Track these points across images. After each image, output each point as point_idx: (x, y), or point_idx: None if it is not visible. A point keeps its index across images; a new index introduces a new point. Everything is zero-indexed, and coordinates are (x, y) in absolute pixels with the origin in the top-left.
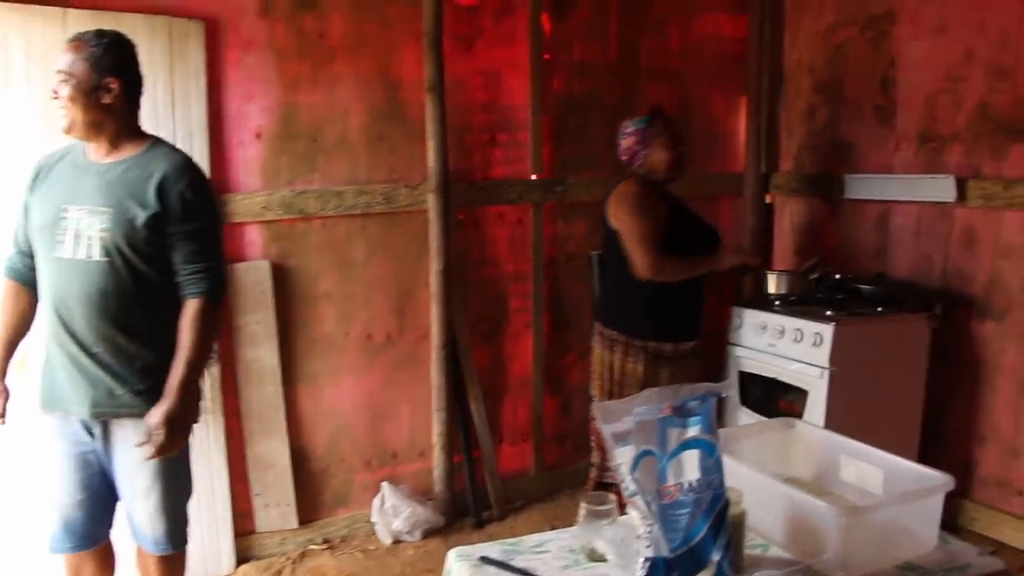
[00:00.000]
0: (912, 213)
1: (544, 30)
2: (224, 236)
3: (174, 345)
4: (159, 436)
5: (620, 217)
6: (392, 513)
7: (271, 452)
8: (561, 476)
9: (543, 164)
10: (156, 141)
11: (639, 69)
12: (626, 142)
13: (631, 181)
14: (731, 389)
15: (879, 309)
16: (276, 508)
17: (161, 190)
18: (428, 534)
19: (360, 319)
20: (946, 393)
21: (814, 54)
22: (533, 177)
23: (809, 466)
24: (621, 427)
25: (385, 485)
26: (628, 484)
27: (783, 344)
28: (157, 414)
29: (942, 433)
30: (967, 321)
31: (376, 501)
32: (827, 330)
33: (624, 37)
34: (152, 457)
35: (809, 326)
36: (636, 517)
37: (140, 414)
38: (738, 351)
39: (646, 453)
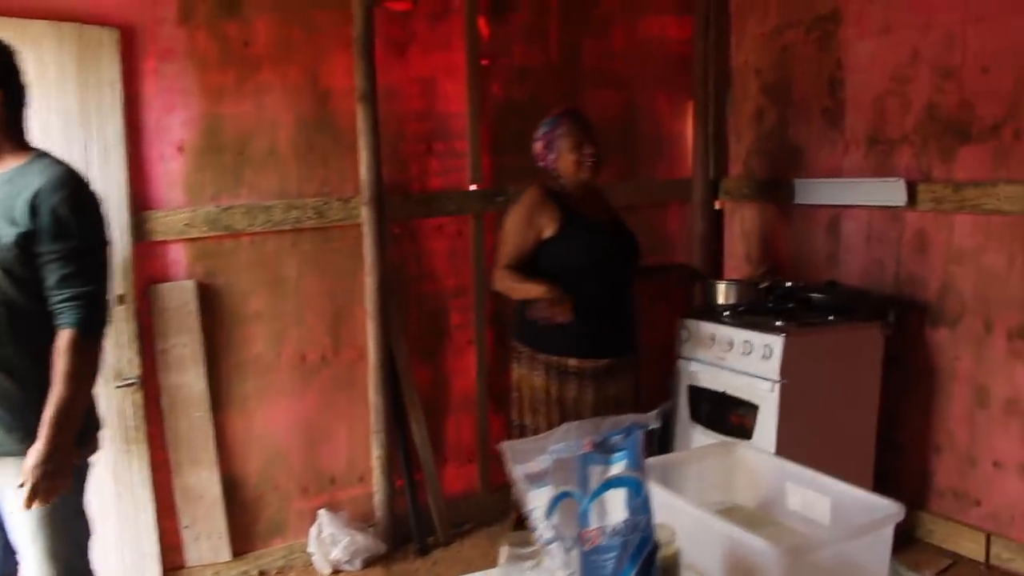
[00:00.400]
0: (863, 218)
1: (481, 34)
2: (107, 259)
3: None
4: (33, 479)
5: (504, 223)
6: (330, 542)
7: (200, 482)
8: (509, 496)
9: (483, 174)
10: (40, 154)
11: (582, 72)
12: (535, 146)
13: (532, 189)
14: (676, 407)
15: (831, 318)
16: (207, 540)
17: (33, 206)
18: (369, 563)
19: (293, 339)
20: (901, 402)
21: (760, 56)
22: (473, 187)
23: (754, 493)
24: (535, 467)
25: (322, 512)
26: (544, 531)
27: (732, 357)
28: (30, 456)
29: (898, 442)
30: (921, 328)
31: (313, 530)
32: (776, 342)
33: (565, 40)
34: (27, 503)
35: (758, 338)
36: (554, 567)
37: (20, 453)
38: (687, 364)
39: (565, 495)
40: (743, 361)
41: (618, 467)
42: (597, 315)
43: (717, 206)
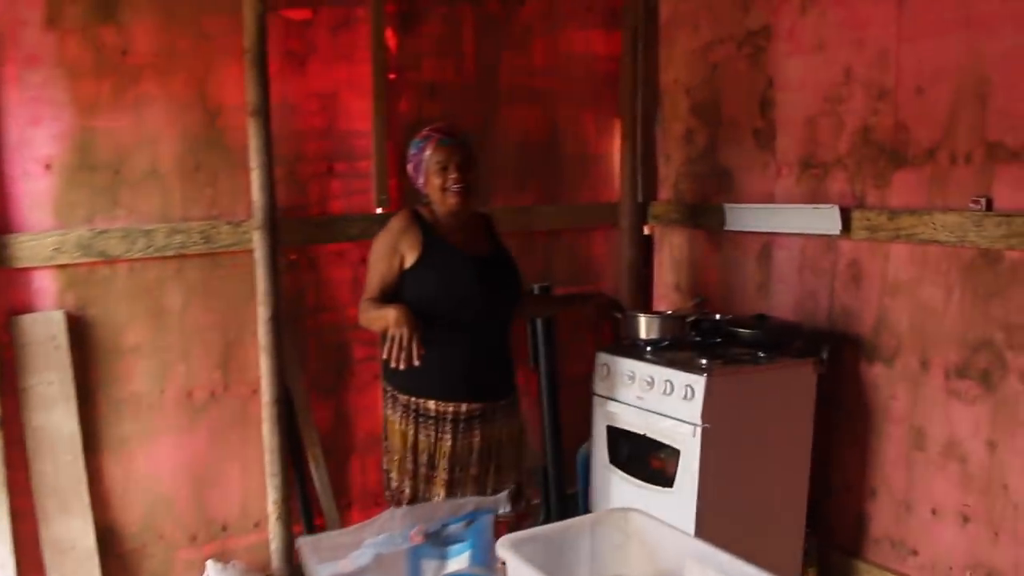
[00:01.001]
0: (796, 246)
1: (388, 46)
2: None
3: None
4: None
5: (371, 251)
6: None
7: (71, 532)
8: None
9: (389, 196)
10: None
11: (499, 89)
12: (407, 167)
13: (400, 213)
14: (597, 448)
15: (760, 355)
16: None
17: None
18: None
19: (178, 375)
20: (835, 443)
21: (691, 73)
22: (378, 211)
23: (651, 569)
24: (348, 567)
25: (210, 563)
26: None
27: (652, 397)
28: None
29: (832, 486)
30: (856, 365)
31: None
32: (698, 382)
33: (482, 54)
34: None
35: (679, 377)
36: None
37: None
38: (604, 403)
39: None
40: (664, 402)
41: (458, 561)
42: (461, 354)
43: (646, 231)
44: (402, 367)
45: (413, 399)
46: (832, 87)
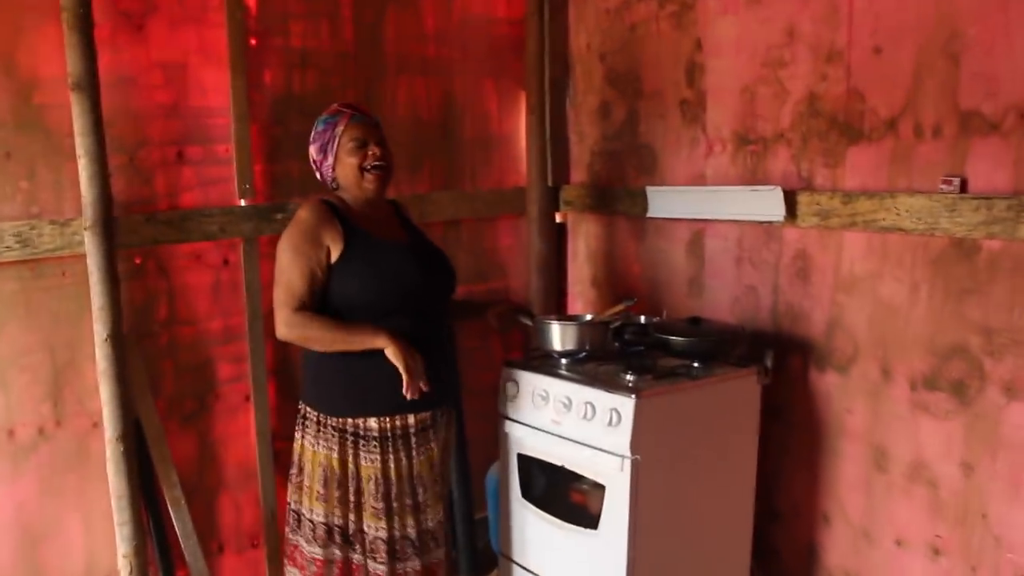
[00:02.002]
0: (732, 235)
1: (247, 5)
2: None
3: None
4: None
5: (277, 252)
6: None
7: None
8: None
9: (255, 186)
10: None
11: (384, 58)
12: (310, 151)
13: (310, 202)
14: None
15: (695, 365)
16: None
17: None
18: None
19: None
20: (783, 463)
21: (605, 37)
22: (242, 203)
23: None
24: None
25: None
26: None
27: (570, 422)
28: None
29: (780, 512)
30: (805, 372)
31: None
32: (626, 405)
33: (363, 17)
34: None
35: (602, 398)
36: None
37: None
38: (513, 428)
39: None
40: (584, 428)
41: None
42: (421, 346)
43: (558, 219)
44: (415, 397)
45: (350, 420)
46: (772, 49)
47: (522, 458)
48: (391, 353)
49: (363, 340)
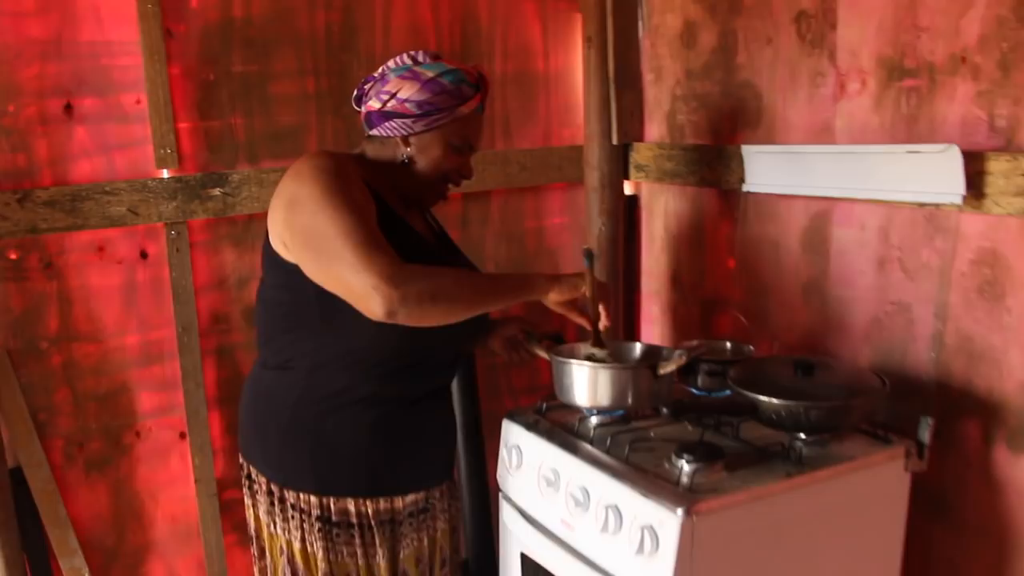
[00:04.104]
0: (873, 221)
1: None
2: None
3: None
4: None
5: (304, 204)
6: None
7: None
8: None
9: (178, 150)
10: None
11: None
12: (403, 89)
13: (322, 155)
14: None
15: (800, 438)
16: None
17: None
18: None
19: None
20: None
21: None
22: (163, 174)
23: None
24: None
25: None
26: None
27: (586, 528)
28: None
29: None
30: (987, 450)
31: None
32: (668, 524)
33: None
34: None
35: (631, 504)
36: None
37: None
38: (513, 518)
39: None
40: (605, 544)
41: None
42: (437, 401)
43: (629, 190)
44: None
45: (329, 500)
46: None
47: (526, 560)
48: (558, 289)
49: (519, 289)
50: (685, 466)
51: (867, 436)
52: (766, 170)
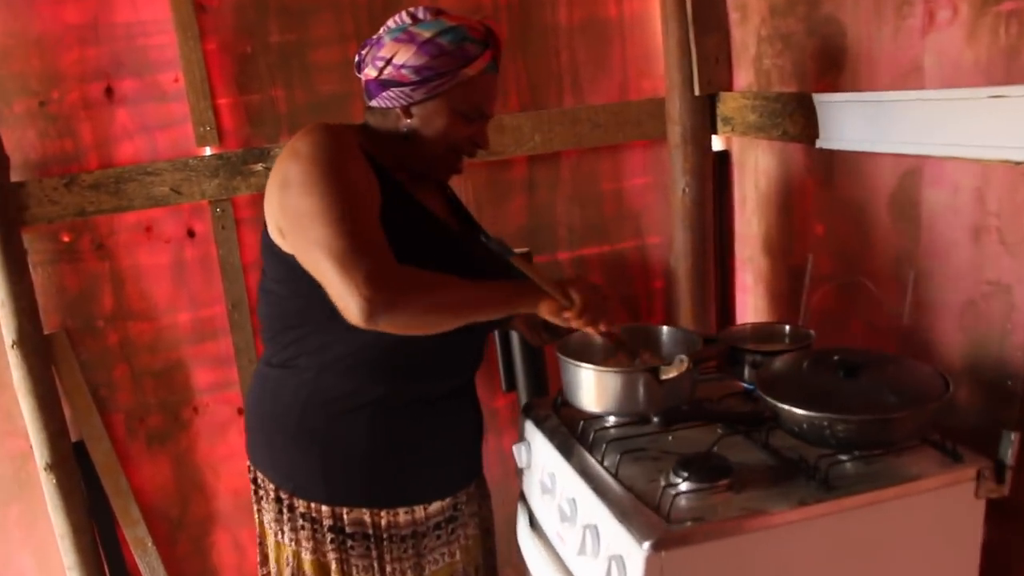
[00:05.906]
0: (967, 182)
1: None
2: None
3: None
4: None
5: (294, 185)
6: None
7: None
8: None
9: (218, 127)
10: None
11: None
12: (400, 53)
13: (320, 129)
14: None
15: (834, 457)
16: None
17: None
18: None
19: None
20: None
21: None
22: (206, 151)
23: None
24: None
25: None
26: None
27: (572, 542)
28: None
29: None
30: None
31: None
32: (633, 556)
33: None
34: None
35: (606, 527)
36: None
37: None
38: (528, 522)
39: None
40: (583, 566)
41: None
42: (459, 404)
43: (720, 145)
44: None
45: (342, 510)
46: None
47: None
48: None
49: (511, 300)
50: (676, 486)
51: (931, 449)
52: (843, 122)
